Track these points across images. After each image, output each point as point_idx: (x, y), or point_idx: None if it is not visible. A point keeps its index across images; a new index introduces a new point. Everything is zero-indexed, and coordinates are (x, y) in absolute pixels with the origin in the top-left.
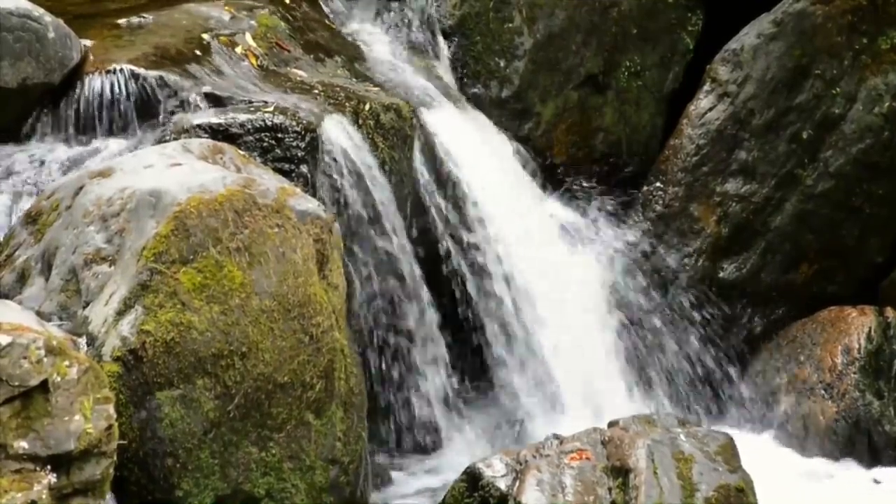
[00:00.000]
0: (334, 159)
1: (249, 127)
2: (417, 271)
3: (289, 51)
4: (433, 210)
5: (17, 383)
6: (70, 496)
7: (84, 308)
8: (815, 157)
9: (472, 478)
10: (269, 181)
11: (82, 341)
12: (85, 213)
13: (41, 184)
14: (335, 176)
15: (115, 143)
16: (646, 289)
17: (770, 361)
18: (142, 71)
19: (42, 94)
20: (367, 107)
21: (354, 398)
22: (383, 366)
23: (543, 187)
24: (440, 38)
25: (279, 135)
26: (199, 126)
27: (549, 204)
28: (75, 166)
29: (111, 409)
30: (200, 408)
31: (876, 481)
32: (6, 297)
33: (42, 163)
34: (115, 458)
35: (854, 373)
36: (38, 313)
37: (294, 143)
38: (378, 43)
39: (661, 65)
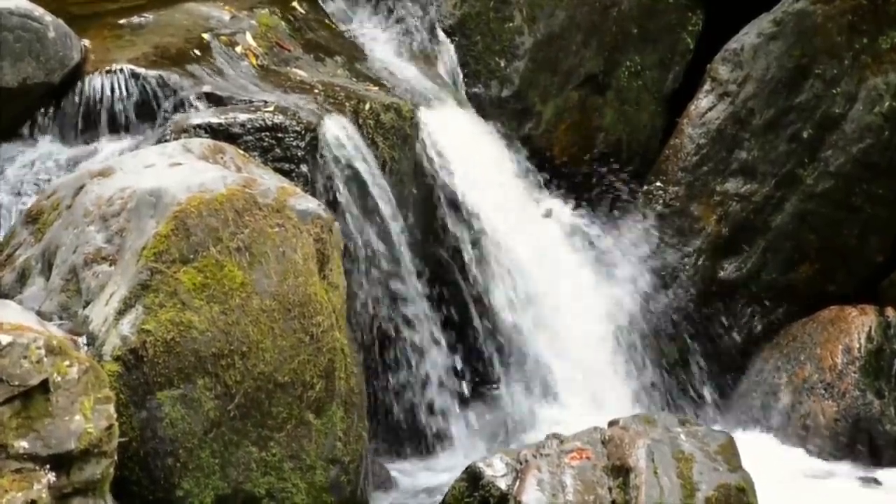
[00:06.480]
0: (334, 159)
1: (250, 127)
2: (415, 268)
3: (289, 50)
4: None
5: (17, 383)
6: (70, 496)
7: (84, 307)
8: (815, 157)
9: (472, 477)
10: (269, 181)
11: (82, 341)
12: (85, 212)
13: (41, 183)
14: (335, 175)
15: (115, 143)
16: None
17: (770, 360)
18: (142, 71)
19: (42, 93)
20: (368, 106)
21: (355, 397)
22: (383, 364)
23: (542, 187)
24: (440, 38)
25: (279, 134)
26: (199, 126)
27: (547, 202)
28: (76, 166)
29: (111, 408)
30: (201, 407)
31: (876, 481)
32: (6, 296)
33: (42, 162)
34: (115, 457)
35: (854, 372)
36: (39, 313)
37: (294, 143)
38: (378, 42)
39: (661, 65)
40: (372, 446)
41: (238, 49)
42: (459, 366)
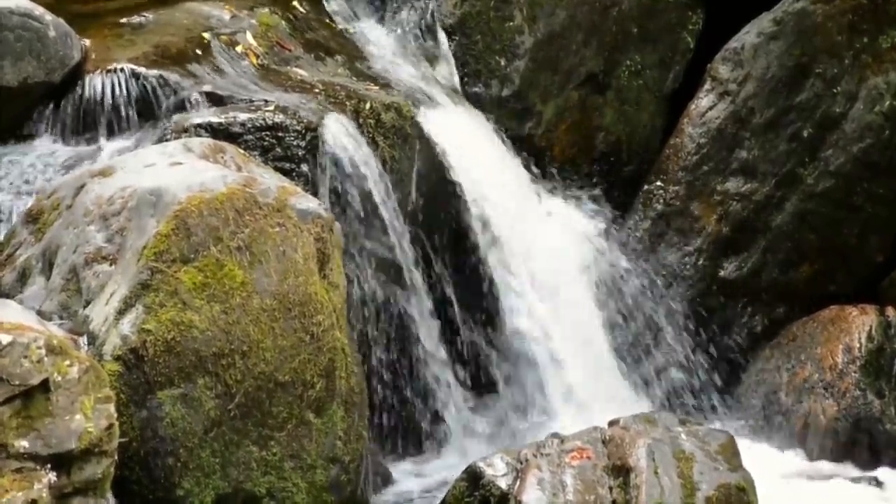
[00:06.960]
0: (335, 158)
1: (250, 126)
2: (416, 268)
3: (289, 50)
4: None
5: (17, 382)
6: (70, 495)
7: (85, 307)
8: (815, 156)
9: (472, 477)
10: (269, 180)
11: (83, 340)
12: (86, 212)
13: (42, 183)
14: (335, 175)
15: (115, 143)
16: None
17: (771, 360)
18: (142, 70)
19: (43, 93)
20: (368, 106)
21: (355, 397)
22: (383, 362)
23: (543, 187)
24: (441, 37)
25: (280, 134)
26: (199, 125)
27: (548, 202)
28: (76, 165)
29: (112, 408)
30: (201, 407)
31: (876, 481)
32: (7, 296)
33: (43, 162)
34: (115, 457)
35: (855, 372)
36: (39, 312)
37: (295, 143)
38: (378, 42)
39: (661, 64)
40: (372, 446)
41: (238, 48)
42: (460, 366)
